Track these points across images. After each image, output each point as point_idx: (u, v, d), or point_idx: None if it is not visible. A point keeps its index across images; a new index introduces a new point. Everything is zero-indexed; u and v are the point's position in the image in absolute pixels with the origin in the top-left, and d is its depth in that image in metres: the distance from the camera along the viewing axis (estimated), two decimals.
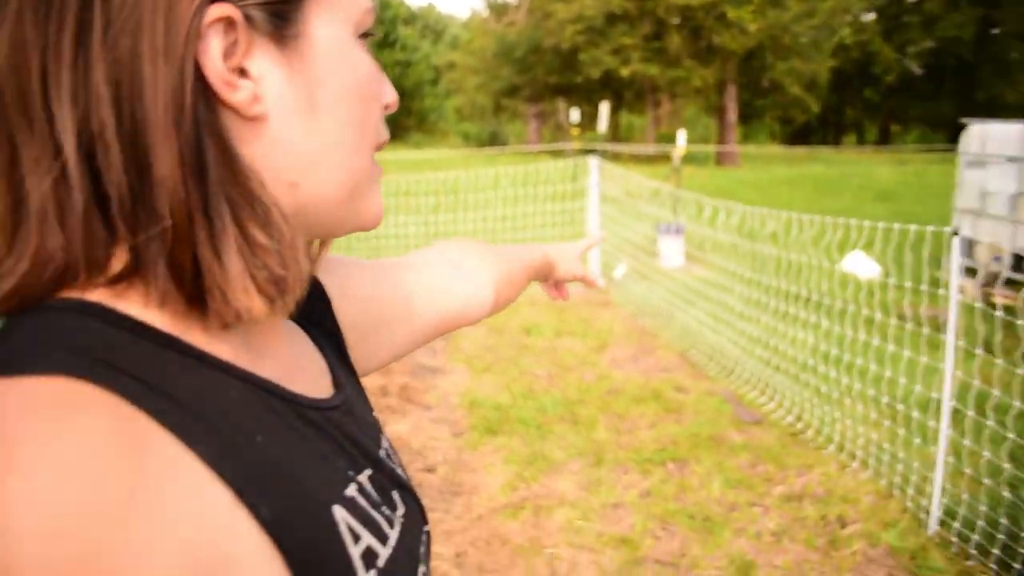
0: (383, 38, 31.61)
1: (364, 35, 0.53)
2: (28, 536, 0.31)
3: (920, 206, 12.40)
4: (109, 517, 0.33)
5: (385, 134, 0.56)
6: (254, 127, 0.46)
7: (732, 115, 25.78)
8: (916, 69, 33.44)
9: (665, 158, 19.75)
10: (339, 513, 0.48)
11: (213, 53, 0.43)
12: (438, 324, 0.85)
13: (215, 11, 0.42)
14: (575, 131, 13.82)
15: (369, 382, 4.36)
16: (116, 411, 0.37)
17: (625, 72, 24.19)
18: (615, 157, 19.78)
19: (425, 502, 2.74)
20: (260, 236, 0.45)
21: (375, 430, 0.63)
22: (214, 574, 0.37)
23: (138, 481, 0.35)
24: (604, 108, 9.99)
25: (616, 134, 28.86)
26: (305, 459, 0.48)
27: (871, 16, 31.56)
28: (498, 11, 34.55)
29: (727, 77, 24.74)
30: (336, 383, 0.60)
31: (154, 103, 0.41)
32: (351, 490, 0.51)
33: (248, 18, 0.44)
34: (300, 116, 0.48)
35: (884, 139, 36.59)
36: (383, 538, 0.52)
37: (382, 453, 0.60)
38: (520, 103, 34.60)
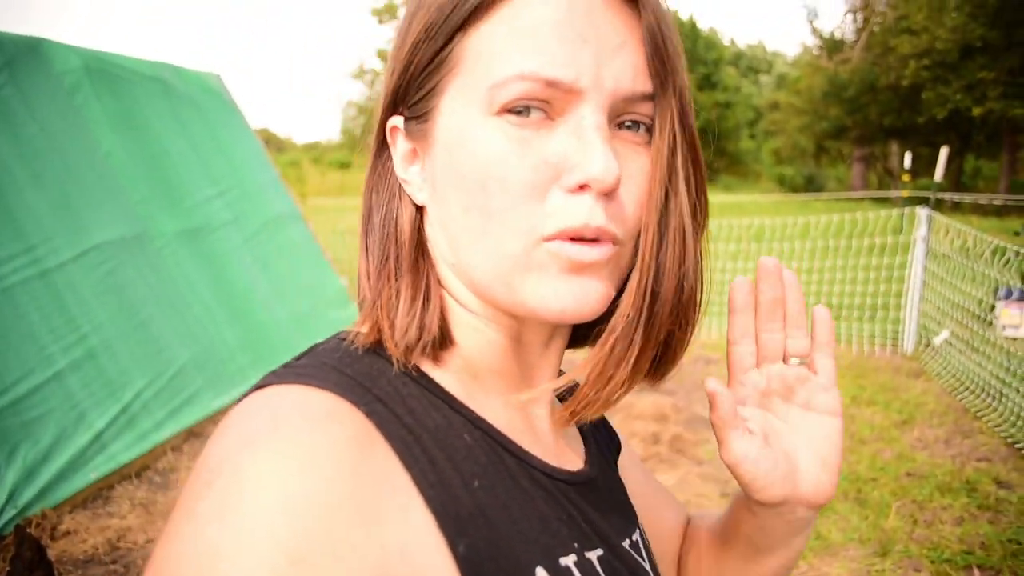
0: (704, 79, 31.44)
1: (523, 110, 0.48)
2: (263, 507, 0.39)
3: None
4: (326, 503, 0.40)
5: (571, 219, 0.48)
6: (426, 213, 0.57)
7: None
8: None
9: (1019, 211, 17.02)
10: (541, 575, 0.49)
11: (396, 155, 0.57)
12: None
13: (390, 123, 0.56)
14: (906, 177, 12.51)
15: (643, 428, 4.37)
16: (356, 424, 0.45)
17: (977, 111, 21.32)
18: (955, 207, 17.53)
19: None
20: (406, 296, 0.55)
21: (626, 521, 0.64)
22: None
23: (358, 483, 0.42)
24: (942, 153, 8.92)
25: (958, 181, 25.50)
26: (519, 514, 0.51)
27: None
28: (831, 48, 32.68)
29: None
30: (589, 464, 0.64)
31: (368, 199, 0.59)
32: (568, 560, 0.52)
33: (407, 124, 0.55)
34: (436, 204, 0.54)
35: None
36: None
37: (627, 543, 0.61)
38: (845, 145, 32.23)
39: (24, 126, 3.93)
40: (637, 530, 0.65)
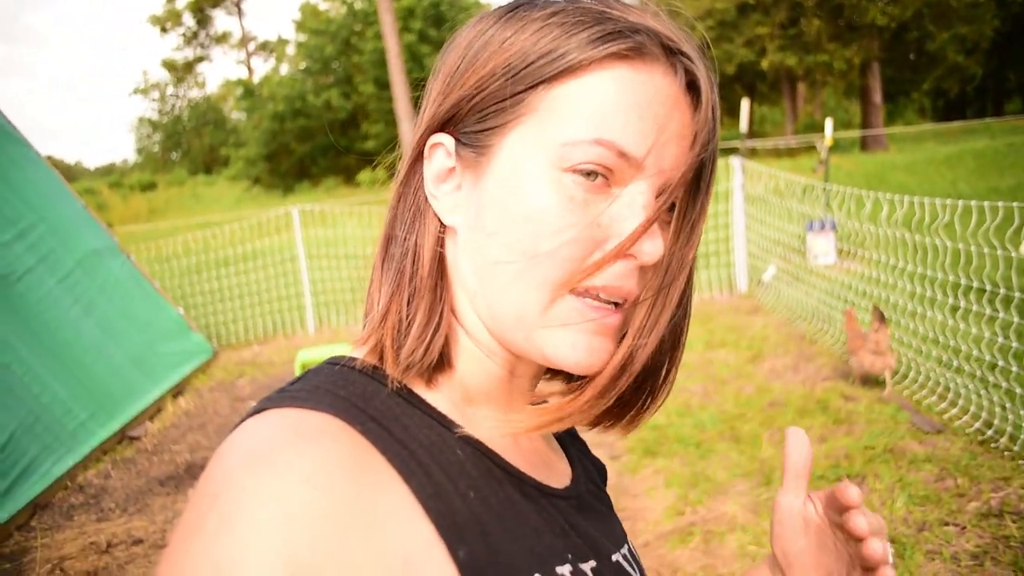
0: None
1: (590, 173, 0.51)
2: (267, 520, 0.40)
3: None
4: (328, 514, 0.42)
5: (607, 279, 0.52)
6: (453, 235, 0.57)
7: (877, 96, 24.16)
8: None
9: (807, 150, 18.78)
10: None
11: (429, 170, 0.57)
12: None
13: (433, 139, 0.57)
14: None
15: None
16: (355, 442, 0.47)
17: (764, 64, 23.30)
18: (752, 153, 19.07)
19: None
20: (421, 318, 0.56)
21: (615, 536, 0.66)
22: None
23: (357, 495, 0.44)
24: (745, 105, 9.63)
25: (751, 129, 27.81)
26: (513, 524, 0.53)
27: None
28: None
29: (872, 55, 23.19)
30: (575, 481, 0.66)
31: (393, 209, 0.59)
32: (564, 569, 0.54)
33: (458, 147, 0.56)
34: (472, 231, 0.55)
35: None
36: None
37: (618, 556, 0.63)
38: None
39: None
40: (627, 544, 0.67)
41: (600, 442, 3.99)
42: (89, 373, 4.66)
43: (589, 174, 0.51)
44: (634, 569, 0.64)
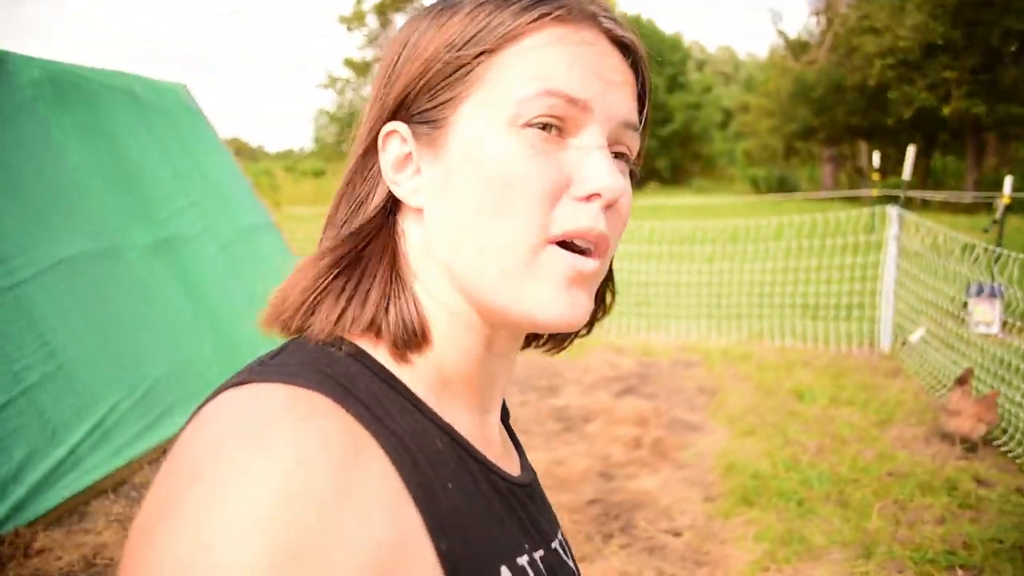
0: (672, 80, 31.63)
1: (545, 126, 0.54)
2: (260, 500, 0.39)
3: None
4: (324, 498, 0.40)
5: (578, 223, 0.55)
6: (419, 215, 0.59)
7: None
8: None
9: (987, 207, 17.29)
10: (506, 574, 0.53)
11: (385, 159, 0.59)
12: None
13: (387, 127, 0.59)
14: (875, 176, 12.72)
15: (624, 432, 4.36)
16: (347, 423, 0.47)
17: (946, 110, 21.64)
18: (924, 205, 17.78)
19: (665, 567, 2.66)
20: (396, 304, 0.58)
21: (553, 523, 0.69)
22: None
23: (352, 479, 0.43)
24: (910, 152, 9.04)
25: (926, 179, 25.86)
26: (484, 517, 0.54)
27: None
28: (797, 49, 33.04)
29: None
30: (524, 470, 0.69)
31: (356, 191, 0.61)
32: (523, 560, 0.56)
33: (412, 129, 0.58)
34: (440, 202, 0.57)
35: None
36: None
37: (556, 544, 0.65)
38: (814, 146, 32.55)
39: None
40: (559, 532, 0.69)
41: (698, 481, 3.88)
42: (233, 335, 5.06)
43: (545, 127, 0.54)
44: (567, 556, 0.67)
